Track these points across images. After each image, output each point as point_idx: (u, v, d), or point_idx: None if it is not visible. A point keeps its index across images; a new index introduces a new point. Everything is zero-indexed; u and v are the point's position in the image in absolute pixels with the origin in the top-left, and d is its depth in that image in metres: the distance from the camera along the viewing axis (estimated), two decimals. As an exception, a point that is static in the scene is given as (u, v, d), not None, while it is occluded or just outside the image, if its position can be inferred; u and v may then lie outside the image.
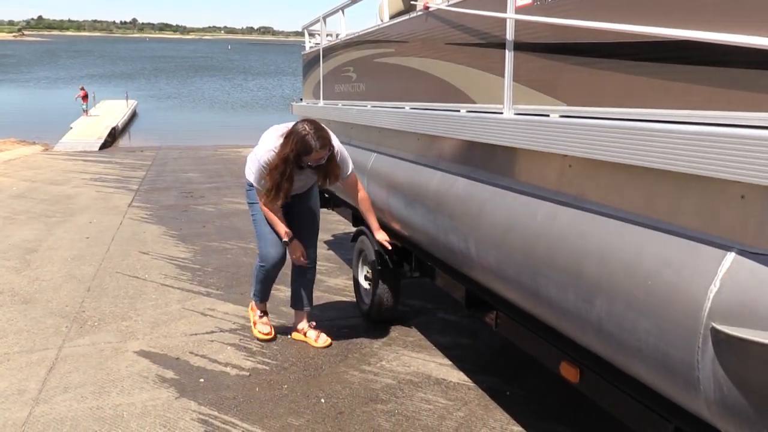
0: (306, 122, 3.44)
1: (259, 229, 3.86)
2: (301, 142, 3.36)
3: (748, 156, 1.44)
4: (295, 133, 3.39)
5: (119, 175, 11.25)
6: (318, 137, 3.37)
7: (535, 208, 2.29)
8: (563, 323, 2.18)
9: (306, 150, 3.37)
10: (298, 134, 3.36)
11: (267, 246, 3.83)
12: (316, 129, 3.41)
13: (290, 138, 3.38)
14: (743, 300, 1.46)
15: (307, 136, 3.35)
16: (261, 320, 4.14)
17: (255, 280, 4.03)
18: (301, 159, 3.41)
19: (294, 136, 3.37)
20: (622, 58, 1.90)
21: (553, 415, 3.20)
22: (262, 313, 4.16)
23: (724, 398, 1.52)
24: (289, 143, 3.38)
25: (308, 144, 3.36)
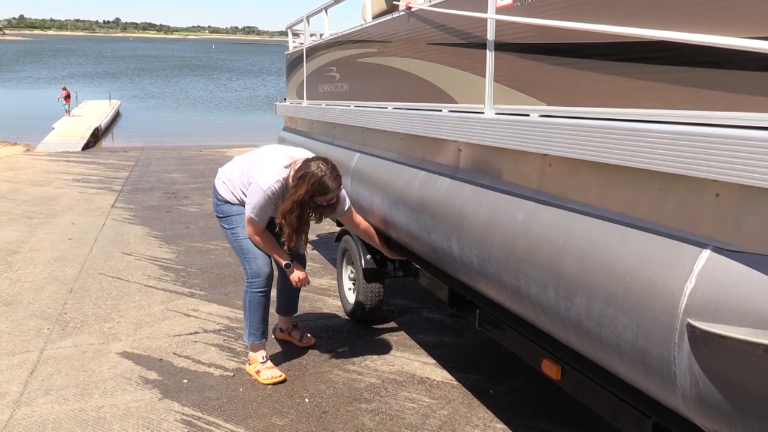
0: (321, 161, 3.25)
1: (243, 242, 3.50)
2: (318, 183, 3.18)
3: (722, 155, 1.46)
4: (310, 174, 3.19)
5: (102, 176, 11.16)
6: (334, 177, 3.24)
7: (516, 207, 2.31)
8: (544, 321, 2.20)
9: (323, 191, 3.21)
10: (315, 176, 3.18)
11: (257, 258, 3.48)
12: (332, 169, 3.26)
13: (306, 179, 3.18)
14: (718, 296, 1.48)
15: (324, 177, 3.19)
16: (266, 366, 3.56)
17: (249, 311, 3.54)
18: (313, 200, 3.25)
19: (310, 178, 3.18)
20: (601, 59, 1.92)
21: (536, 412, 3.22)
22: (265, 358, 3.59)
23: (700, 393, 1.54)
24: (304, 184, 3.18)
25: (326, 185, 3.20)
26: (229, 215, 3.54)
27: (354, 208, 3.80)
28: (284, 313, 4.02)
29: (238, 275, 5.41)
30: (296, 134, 6.19)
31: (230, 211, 3.53)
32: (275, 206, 3.34)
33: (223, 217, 3.58)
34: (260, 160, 3.42)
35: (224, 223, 3.58)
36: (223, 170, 3.64)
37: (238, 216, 3.50)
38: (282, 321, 4.06)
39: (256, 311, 3.53)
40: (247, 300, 3.53)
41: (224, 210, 3.56)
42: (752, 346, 1.38)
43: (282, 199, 3.32)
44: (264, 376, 3.51)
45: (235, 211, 3.51)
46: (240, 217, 3.49)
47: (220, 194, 3.57)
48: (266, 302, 3.54)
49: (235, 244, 3.55)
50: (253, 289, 3.51)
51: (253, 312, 3.53)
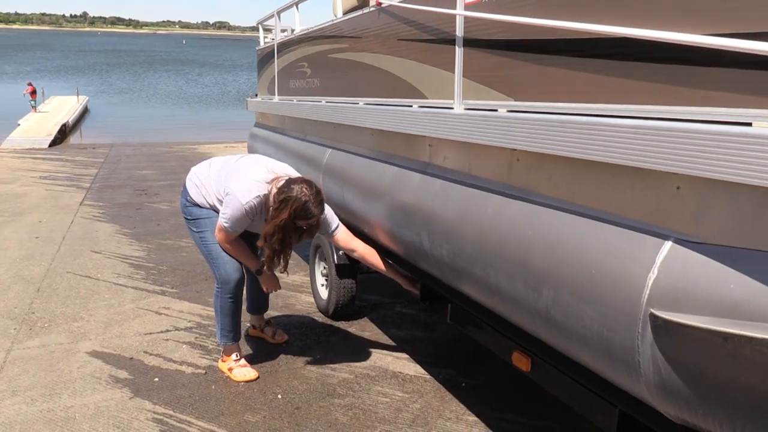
0: (305, 185, 3.13)
1: (211, 247, 3.42)
2: (301, 209, 3.08)
3: (683, 149, 1.50)
4: (294, 199, 3.06)
5: (70, 173, 10.97)
6: (318, 203, 3.14)
7: (486, 201, 2.34)
8: (514, 313, 2.24)
9: (306, 216, 3.11)
10: (298, 201, 3.06)
11: (226, 264, 3.42)
12: (316, 193, 3.15)
13: (288, 203, 3.06)
14: (679, 286, 1.52)
15: (308, 203, 3.08)
16: (239, 363, 3.56)
17: (221, 315, 3.53)
18: (296, 223, 3.15)
19: (293, 203, 3.06)
20: (568, 55, 1.95)
21: (507, 404, 3.26)
22: (238, 357, 3.59)
23: (662, 381, 1.58)
24: (286, 209, 3.07)
25: (309, 211, 3.11)
26: (198, 218, 3.46)
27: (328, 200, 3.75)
28: (255, 311, 4.01)
29: (209, 273, 5.34)
30: (268, 130, 6.16)
31: (200, 214, 3.45)
32: (251, 221, 3.27)
33: (191, 219, 3.50)
34: (240, 170, 3.31)
35: (192, 226, 3.51)
36: (197, 171, 3.53)
37: (207, 220, 3.42)
38: (254, 319, 4.05)
39: (227, 315, 3.51)
40: (218, 304, 3.51)
41: (193, 213, 3.48)
42: (712, 334, 1.42)
43: (260, 215, 3.24)
44: (237, 375, 3.49)
45: (205, 214, 3.43)
46: (209, 221, 3.41)
47: (191, 196, 3.48)
48: (236, 307, 3.52)
49: (203, 249, 3.48)
50: (224, 295, 3.47)
51: (225, 316, 3.52)
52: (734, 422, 1.47)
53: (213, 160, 3.56)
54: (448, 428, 3.03)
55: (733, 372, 1.42)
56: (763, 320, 1.35)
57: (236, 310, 3.52)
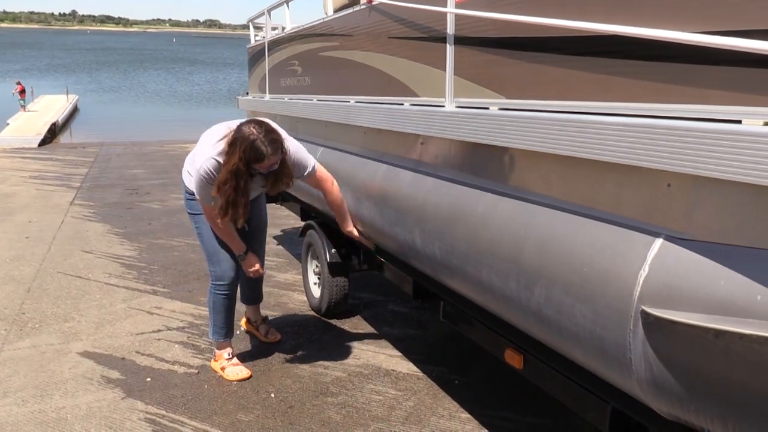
0: (253, 124, 2.96)
1: (208, 244, 3.39)
2: (250, 149, 2.89)
3: (673, 146, 1.51)
4: (241, 139, 2.89)
5: (60, 173, 10.91)
6: (269, 141, 2.92)
7: (477, 199, 2.34)
8: (506, 311, 2.24)
9: (257, 158, 2.91)
10: (246, 140, 2.88)
11: (221, 262, 3.39)
12: (266, 131, 2.94)
13: (236, 145, 2.90)
14: (670, 283, 1.53)
15: (256, 142, 2.89)
16: (231, 362, 3.52)
17: (214, 311, 3.49)
18: (251, 168, 2.98)
19: (241, 143, 2.89)
20: (559, 52, 1.95)
21: (500, 402, 3.27)
22: (231, 355, 3.55)
23: (654, 377, 1.59)
24: (236, 152, 2.90)
25: (259, 151, 2.90)
26: (196, 213, 3.39)
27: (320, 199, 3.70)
28: (249, 302, 3.98)
29: (202, 272, 5.36)
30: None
31: (197, 207, 3.36)
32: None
33: (192, 213, 3.42)
34: (200, 140, 3.21)
35: (192, 221, 3.45)
36: (186, 160, 3.45)
37: (200, 212, 3.35)
38: (250, 311, 4.02)
39: (220, 312, 3.49)
40: (212, 300, 3.48)
41: (193, 207, 3.40)
42: (703, 330, 1.43)
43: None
44: (229, 373, 3.47)
45: (197, 206, 3.35)
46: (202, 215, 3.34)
47: (187, 186, 3.38)
48: (230, 304, 3.50)
49: (201, 245, 3.47)
50: (217, 291, 3.46)
51: (217, 312, 3.49)
52: (725, 418, 1.48)
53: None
54: (442, 426, 3.04)
55: (724, 368, 1.42)
56: (754, 317, 1.36)
57: (229, 307, 3.50)
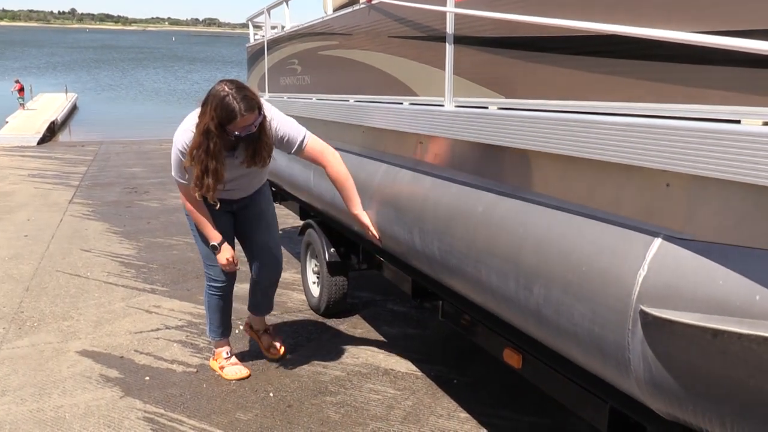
0: (224, 82, 2.78)
1: (201, 248, 3.32)
2: (221, 106, 2.70)
3: (673, 146, 1.51)
4: (212, 96, 2.73)
5: (59, 171, 10.90)
6: (242, 97, 2.73)
7: (477, 199, 2.34)
8: (505, 310, 2.24)
9: (229, 115, 2.71)
10: (217, 96, 2.71)
11: (214, 267, 3.33)
12: (238, 88, 2.76)
13: (208, 104, 2.74)
14: (669, 283, 1.53)
15: (227, 98, 2.70)
16: (230, 361, 3.50)
17: (209, 311, 3.46)
18: (225, 129, 2.76)
19: (212, 101, 2.72)
20: (558, 52, 1.95)
21: (499, 401, 3.27)
22: (229, 353, 3.52)
23: (652, 377, 1.59)
24: (207, 110, 2.73)
25: (230, 107, 2.70)
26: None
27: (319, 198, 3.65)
28: (256, 311, 3.73)
29: (201, 271, 5.31)
30: (258, 127, 6.13)
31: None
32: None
33: (188, 214, 3.28)
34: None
35: (189, 220, 3.30)
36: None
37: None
38: (254, 320, 3.79)
39: (216, 312, 3.47)
40: (207, 300, 3.48)
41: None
42: (702, 330, 1.43)
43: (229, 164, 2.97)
44: (228, 373, 3.45)
45: None
46: None
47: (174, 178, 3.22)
48: (225, 305, 3.47)
49: (197, 244, 3.36)
50: (212, 292, 3.43)
51: (213, 312, 3.47)
52: (723, 418, 1.48)
53: None
54: (440, 425, 3.04)
55: (722, 368, 1.42)
56: (753, 316, 1.36)
57: (224, 308, 3.47)
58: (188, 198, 3.06)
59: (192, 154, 2.80)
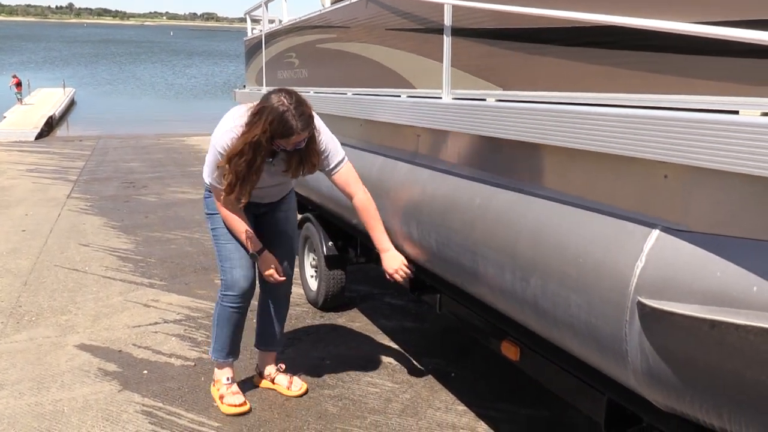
0: (283, 93, 2.55)
1: (222, 247, 2.95)
2: (279, 121, 2.50)
3: (670, 137, 1.50)
4: (269, 108, 2.51)
5: (57, 166, 10.88)
6: (300, 115, 2.53)
7: (474, 191, 2.33)
8: (502, 303, 2.24)
9: (285, 132, 2.53)
10: (275, 111, 2.50)
11: (234, 269, 2.92)
12: (298, 103, 2.54)
13: (263, 115, 2.51)
14: (667, 275, 1.53)
15: (286, 114, 2.50)
16: (230, 389, 3.08)
17: (218, 326, 3.03)
18: (275, 143, 2.59)
19: (269, 114, 2.50)
20: (556, 44, 1.94)
21: (497, 394, 3.28)
22: (230, 380, 3.11)
23: (650, 369, 1.59)
24: (261, 122, 2.51)
25: (288, 124, 2.51)
26: (211, 213, 2.98)
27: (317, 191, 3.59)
28: (264, 345, 3.31)
29: (199, 265, 5.35)
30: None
31: (213, 207, 2.94)
32: None
33: (207, 214, 3.01)
34: (224, 117, 2.80)
35: (208, 221, 3.01)
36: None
37: (219, 216, 2.91)
38: (262, 359, 3.34)
39: (224, 327, 3.02)
40: (217, 312, 3.03)
41: (208, 205, 2.99)
42: (699, 321, 1.43)
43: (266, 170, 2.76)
44: (227, 403, 3.05)
45: (214, 205, 2.91)
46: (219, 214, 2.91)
47: (207, 184, 2.93)
48: (238, 320, 3.03)
49: (215, 248, 2.99)
50: (225, 302, 2.98)
51: (222, 327, 3.03)
52: (721, 409, 1.48)
53: None
54: (438, 418, 3.04)
55: (719, 359, 1.42)
56: (750, 307, 1.36)
57: (236, 324, 3.04)
58: (225, 203, 2.80)
59: (231, 159, 2.60)
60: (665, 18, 1.55)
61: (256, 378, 3.35)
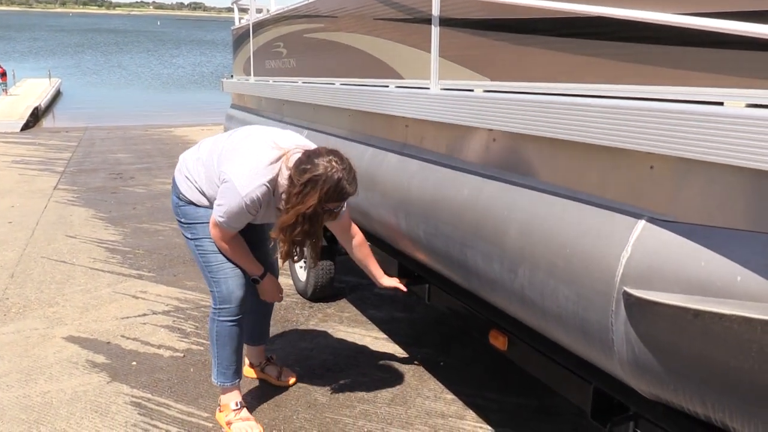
0: (333, 159, 2.42)
1: (210, 257, 2.71)
2: (335, 189, 2.39)
3: (656, 128, 1.51)
4: (324, 178, 2.37)
5: (43, 157, 10.78)
6: (352, 178, 2.45)
7: (462, 182, 2.34)
8: (490, 293, 2.25)
9: (340, 197, 2.45)
10: (330, 179, 2.37)
11: (227, 280, 2.71)
12: (348, 165, 2.46)
13: (317, 185, 2.37)
14: (652, 265, 1.54)
15: (342, 182, 2.40)
16: (239, 416, 2.83)
17: (218, 346, 2.79)
18: (325, 207, 2.46)
19: (323, 183, 2.37)
20: (543, 34, 1.95)
21: (485, 383, 3.30)
22: (239, 405, 2.86)
23: (635, 358, 1.61)
24: (315, 192, 2.37)
25: (344, 191, 2.43)
26: (193, 222, 2.73)
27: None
28: (253, 341, 3.22)
29: (187, 256, 5.33)
30: (244, 111, 6.10)
31: (195, 216, 2.71)
32: (255, 214, 2.57)
33: (186, 223, 2.76)
34: (237, 149, 2.58)
35: (187, 232, 2.78)
36: (186, 158, 2.79)
37: (205, 225, 2.69)
38: (251, 353, 3.28)
39: (226, 345, 2.79)
40: (215, 331, 2.78)
41: (187, 214, 2.74)
42: (684, 311, 1.44)
43: (267, 207, 2.57)
44: (236, 430, 2.81)
45: (202, 216, 2.69)
46: (208, 227, 2.68)
47: (182, 192, 2.73)
48: (239, 333, 2.81)
49: (200, 260, 2.76)
50: (222, 318, 2.75)
51: (223, 346, 2.79)
52: (704, 397, 1.50)
53: (202, 142, 2.83)
54: (427, 407, 3.06)
55: (703, 348, 1.44)
56: (734, 297, 1.37)
57: (238, 337, 2.82)
58: (224, 237, 2.64)
59: (286, 231, 2.47)
60: (652, 9, 1.55)
61: (246, 368, 3.32)
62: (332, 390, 3.20)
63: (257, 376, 3.30)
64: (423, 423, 2.93)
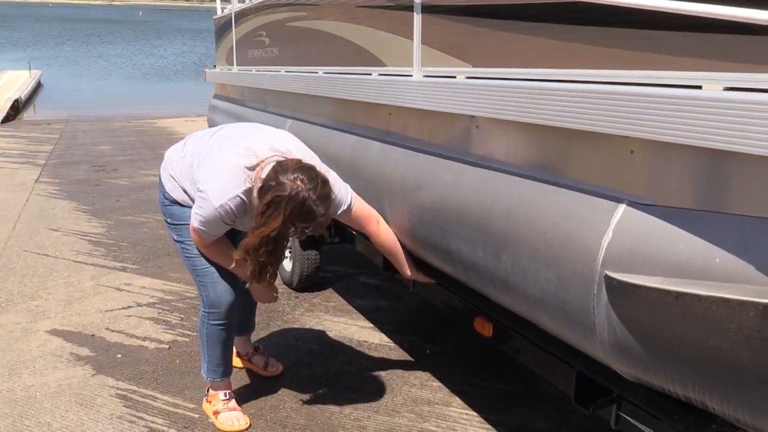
0: (299, 174, 2.30)
1: (197, 264, 2.67)
2: (299, 210, 2.28)
3: (635, 112, 1.52)
4: (288, 199, 2.25)
5: (24, 150, 10.65)
6: (322, 198, 2.31)
7: (445, 169, 2.34)
8: (474, 279, 2.26)
9: (307, 219, 2.32)
10: (294, 199, 2.26)
11: (216, 284, 2.67)
12: (319, 185, 2.32)
13: (280, 206, 2.26)
14: (633, 248, 1.55)
15: (308, 202, 2.27)
16: (227, 405, 2.84)
17: (208, 346, 2.78)
18: (294, 225, 2.35)
19: (287, 204, 2.26)
20: (524, 20, 1.94)
21: (471, 370, 3.32)
22: (228, 396, 2.87)
23: (617, 341, 1.62)
24: (279, 213, 2.27)
25: (310, 213, 2.30)
26: (180, 223, 2.67)
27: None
28: (240, 331, 3.18)
29: (171, 248, 5.28)
30: (227, 102, 6.05)
31: (181, 216, 2.65)
32: (232, 224, 2.51)
33: (172, 224, 2.71)
34: (214, 155, 2.50)
35: (173, 233, 2.72)
36: (171, 156, 2.73)
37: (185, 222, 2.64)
38: (238, 342, 3.23)
39: (216, 346, 2.79)
40: (204, 332, 2.78)
41: (173, 214, 2.69)
42: (664, 293, 1.46)
43: (245, 215, 2.46)
44: (223, 421, 2.80)
45: (189, 217, 2.57)
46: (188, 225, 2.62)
47: (167, 191, 2.68)
48: (228, 336, 2.81)
49: (187, 263, 2.72)
50: (212, 321, 2.74)
51: (213, 346, 2.79)
52: (685, 378, 1.52)
53: (188, 139, 2.75)
54: (413, 394, 3.08)
55: (683, 330, 1.45)
56: (712, 278, 1.39)
57: (227, 340, 2.81)
58: (204, 243, 2.58)
59: (250, 252, 2.38)
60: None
61: (234, 359, 3.26)
62: (319, 379, 3.21)
63: (244, 366, 3.30)
64: (409, 410, 2.95)
